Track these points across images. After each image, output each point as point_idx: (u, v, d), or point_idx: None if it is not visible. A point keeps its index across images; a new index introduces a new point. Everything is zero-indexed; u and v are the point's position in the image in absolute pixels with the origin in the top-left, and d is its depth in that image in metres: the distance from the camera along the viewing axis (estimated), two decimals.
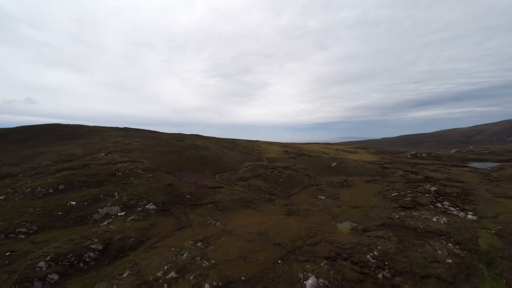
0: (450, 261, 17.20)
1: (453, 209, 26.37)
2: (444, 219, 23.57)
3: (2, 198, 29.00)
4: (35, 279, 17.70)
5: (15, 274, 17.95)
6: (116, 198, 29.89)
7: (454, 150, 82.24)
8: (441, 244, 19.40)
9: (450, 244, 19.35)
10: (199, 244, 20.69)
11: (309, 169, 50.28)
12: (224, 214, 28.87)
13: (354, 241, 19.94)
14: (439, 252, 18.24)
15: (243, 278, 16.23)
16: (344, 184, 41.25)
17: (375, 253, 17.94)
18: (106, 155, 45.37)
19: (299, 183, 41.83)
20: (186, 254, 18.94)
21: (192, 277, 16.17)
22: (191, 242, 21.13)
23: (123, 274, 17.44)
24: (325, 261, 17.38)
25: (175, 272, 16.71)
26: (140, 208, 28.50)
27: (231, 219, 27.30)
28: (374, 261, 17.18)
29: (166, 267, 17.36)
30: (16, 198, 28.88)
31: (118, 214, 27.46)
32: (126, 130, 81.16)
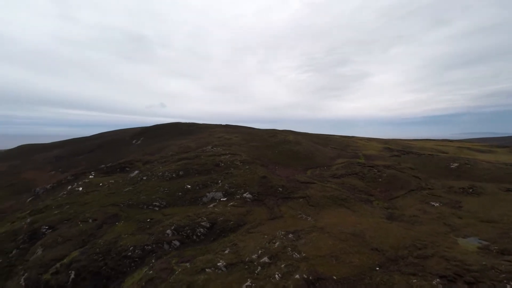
0: None
1: None
2: None
3: (145, 178, 38.54)
4: (164, 242, 22.79)
5: (152, 236, 23.64)
6: (220, 185, 34.41)
7: None
8: None
9: None
10: (290, 235, 21.24)
11: (418, 170, 42.58)
12: (316, 210, 28.40)
13: (484, 263, 15.64)
14: None
15: (334, 277, 15.60)
16: (470, 190, 32.73)
17: None
18: (212, 148, 52.80)
19: (404, 185, 36.12)
20: (278, 243, 19.84)
21: (283, 265, 16.82)
22: (282, 232, 21.95)
23: (224, 251, 20.01)
24: (438, 280, 14.45)
25: (268, 258, 17.81)
26: (238, 196, 31.77)
27: (323, 216, 26.58)
28: None
29: (260, 251, 18.75)
30: (153, 179, 37.74)
31: (221, 199, 31.56)
32: (227, 126, 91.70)
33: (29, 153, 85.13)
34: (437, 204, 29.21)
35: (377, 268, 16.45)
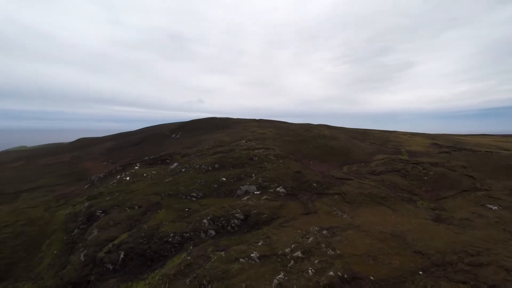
0: None
1: None
2: None
3: (184, 170, 40.79)
4: (201, 231, 24.00)
5: (190, 224, 25.05)
6: (253, 179, 34.91)
7: None
8: None
9: None
10: (324, 232, 20.79)
11: (472, 169, 38.14)
12: (352, 207, 27.31)
13: None
14: None
15: (371, 277, 14.92)
16: None
17: None
18: (246, 142, 53.64)
19: (455, 185, 32.72)
20: (311, 238, 19.57)
21: (317, 261, 16.58)
22: (316, 228, 21.57)
23: (258, 243, 20.38)
24: None
25: (301, 252, 17.71)
26: (271, 190, 31.93)
27: (359, 214, 25.46)
28: None
29: (293, 245, 18.71)
30: (191, 171, 39.76)
31: (255, 192, 32.04)
32: (260, 121, 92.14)
33: (86, 146, 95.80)
34: (495, 208, 25.94)
35: (420, 273, 15.31)
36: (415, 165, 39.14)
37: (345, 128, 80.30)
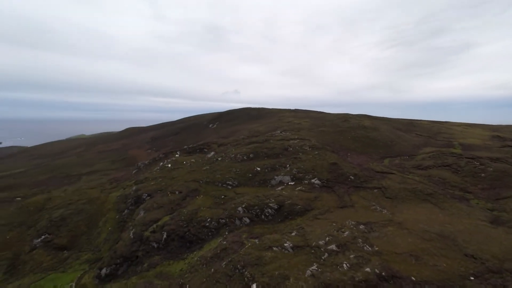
0: None
1: None
2: None
3: (220, 159, 42.27)
4: (236, 218, 24.84)
5: (226, 211, 26.06)
6: (288, 169, 34.73)
7: None
8: None
9: None
10: (361, 226, 19.97)
11: None
12: (393, 203, 25.67)
13: None
14: None
15: (413, 278, 14.00)
16: None
17: None
18: (281, 132, 53.29)
19: None
20: (347, 232, 18.97)
21: (352, 256, 16.08)
22: (353, 222, 20.81)
23: (291, 233, 20.43)
24: None
25: (335, 246, 17.31)
26: (306, 181, 31.48)
27: (401, 210, 23.83)
28: None
29: (327, 238, 18.36)
30: (227, 160, 41.02)
31: (289, 183, 31.92)
32: (296, 111, 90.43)
33: (133, 135, 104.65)
34: None
35: (472, 278, 13.90)
36: (470, 160, 35.01)
37: (387, 118, 74.79)
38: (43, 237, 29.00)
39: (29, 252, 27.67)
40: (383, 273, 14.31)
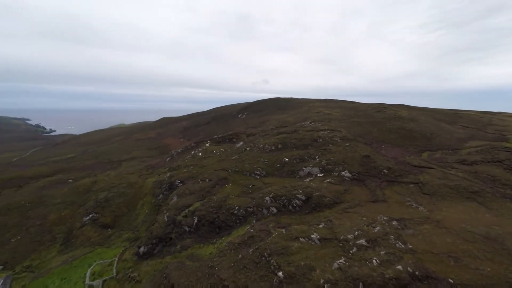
0: None
1: None
2: None
3: (248, 149, 42.81)
4: (263, 207, 25.21)
5: (254, 200, 26.54)
6: (317, 161, 34.06)
7: None
8: None
9: None
10: (394, 223, 19.05)
11: None
12: (431, 200, 23.96)
13: None
14: None
15: (450, 280, 13.12)
16: None
17: None
18: (310, 123, 52.07)
19: None
20: (378, 228, 18.26)
21: (383, 252, 15.50)
22: (385, 218, 19.93)
23: (319, 225, 20.23)
24: None
25: (365, 241, 16.80)
26: (336, 173, 30.65)
27: (441, 208, 22.16)
28: None
29: (356, 233, 17.87)
30: (255, 150, 41.41)
31: (318, 175, 31.35)
32: (327, 101, 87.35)
33: (167, 124, 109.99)
34: None
35: None
36: None
37: (428, 108, 68.93)
38: (91, 215, 32.38)
39: (80, 228, 31.16)
40: (416, 272, 13.62)
